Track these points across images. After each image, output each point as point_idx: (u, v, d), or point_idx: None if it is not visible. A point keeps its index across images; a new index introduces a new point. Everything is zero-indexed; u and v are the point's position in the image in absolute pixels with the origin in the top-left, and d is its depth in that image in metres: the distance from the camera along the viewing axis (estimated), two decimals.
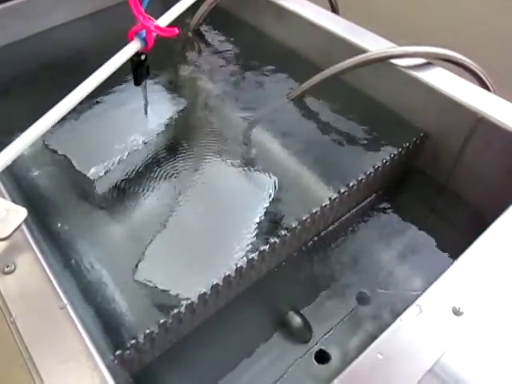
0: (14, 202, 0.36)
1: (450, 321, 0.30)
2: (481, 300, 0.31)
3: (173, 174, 0.48)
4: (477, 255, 0.34)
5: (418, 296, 0.46)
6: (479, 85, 0.49)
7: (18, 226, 0.33)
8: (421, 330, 0.29)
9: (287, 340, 0.44)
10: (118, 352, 0.33)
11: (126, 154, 0.49)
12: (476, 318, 0.30)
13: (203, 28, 0.67)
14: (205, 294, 0.37)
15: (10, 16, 0.64)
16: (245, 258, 0.39)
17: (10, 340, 0.29)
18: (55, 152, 0.49)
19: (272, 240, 0.40)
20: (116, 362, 0.33)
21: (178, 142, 0.52)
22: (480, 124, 0.46)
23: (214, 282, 0.37)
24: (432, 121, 0.50)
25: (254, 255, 0.39)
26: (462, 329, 0.30)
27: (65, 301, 0.30)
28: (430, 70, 0.50)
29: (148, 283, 0.38)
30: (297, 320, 0.45)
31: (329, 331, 0.44)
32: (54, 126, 0.40)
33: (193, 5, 0.51)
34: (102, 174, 0.47)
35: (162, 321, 0.35)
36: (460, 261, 0.33)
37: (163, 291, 0.37)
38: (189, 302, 0.36)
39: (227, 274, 0.38)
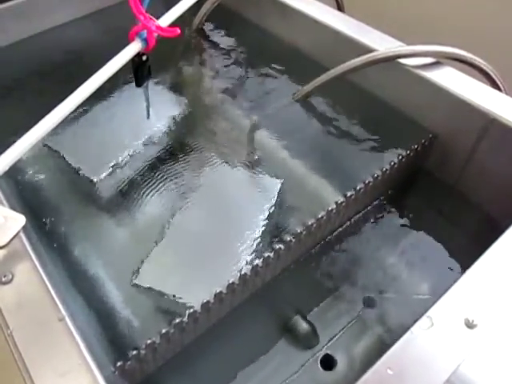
0: (13, 208, 0.36)
1: (463, 334, 0.29)
2: (495, 312, 0.30)
3: (175, 177, 0.47)
4: (490, 264, 0.33)
5: (425, 300, 0.46)
6: (490, 85, 0.48)
7: (16, 234, 0.33)
8: (432, 344, 0.28)
9: (293, 346, 0.43)
10: (119, 363, 0.32)
11: (128, 156, 0.48)
12: (490, 331, 0.29)
13: (206, 27, 0.66)
14: (208, 302, 0.36)
15: (10, 16, 0.63)
16: (249, 265, 0.38)
17: (7, 353, 0.28)
18: (55, 155, 0.48)
19: (277, 246, 0.39)
20: (117, 373, 0.32)
21: (180, 144, 0.51)
22: (491, 125, 0.45)
23: (218, 290, 0.36)
24: (441, 122, 0.49)
25: (259, 262, 0.38)
26: (476, 342, 0.28)
27: (63, 312, 0.29)
28: (439, 70, 0.49)
29: (149, 291, 0.37)
30: (302, 325, 0.44)
31: (335, 336, 0.43)
32: (54, 129, 0.40)
33: (195, 3, 0.50)
34: (103, 177, 0.46)
35: (164, 331, 0.34)
36: (472, 270, 0.32)
37: (165, 300, 0.37)
38: (191, 310, 0.35)
39: (231, 281, 0.37)
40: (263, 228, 0.42)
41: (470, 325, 0.29)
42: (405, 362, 0.28)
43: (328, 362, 0.43)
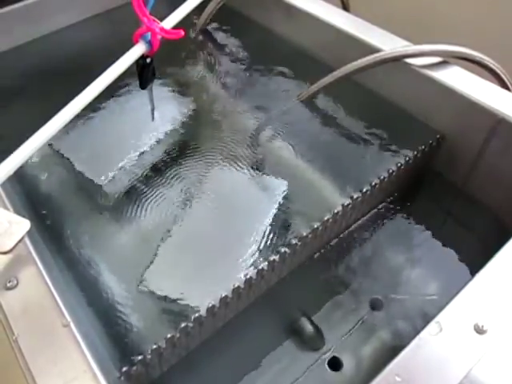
0: (18, 212, 0.36)
1: (473, 340, 0.28)
2: (505, 317, 0.29)
3: (180, 179, 0.47)
4: (499, 268, 0.32)
5: (432, 302, 0.45)
6: (499, 84, 0.47)
7: (21, 239, 0.32)
8: (441, 350, 0.28)
9: (299, 348, 0.43)
10: (124, 369, 0.32)
11: (133, 159, 0.48)
12: (501, 337, 0.28)
13: (210, 28, 0.66)
14: (213, 306, 0.36)
15: (16, 18, 0.63)
16: (254, 269, 0.38)
17: (13, 359, 0.28)
18: (60, 158, 0.48)
19: (282, 250, 0.39)
20: (122, 378, 0.32)
21: (185, 146, 0.51)
22: (500, 125, 0.44)
23: (223, 295, 0.36)
24: (449, 122, 0.48)
25: (264, 265, 0.38)
26: (486, 348, 0.28)
27: (68, 318, 0.29)
28: (446, 70, 0.48)
29: (154, 296, 0.37)
30: (308, 327, 0.44)
31: (341, 338, 0.43)
32: (58, 131, 0.39)
33: (199, 4, 0.50)
34: (108, 180, 0.46)
35: (169, 335, 0.34)
36: (481, 274, 0.32)
37: (170, 304, 0.36)
38: (197, 315, 0.35)
39: (236, 285, 0.37)
40: (268, 231, 0.42)
41: (479, 330, 0.29)
42: (413, 369, 0.27)
43: (334, 364, 0.42)
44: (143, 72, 0.46)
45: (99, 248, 0.41)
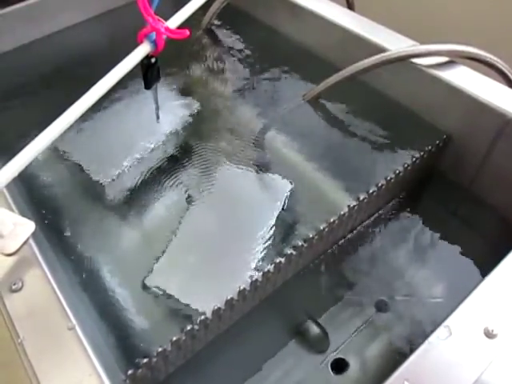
0: (23, 213, 0.35)
1: (483, 344, 0.28)
2: None
3: (185, 180, 0.47)
4: (509, 271, 0.32)
5: (439, 304, 0.45)
6: (506, 84, 0.47)
7: (26, 241, 0.32)
8: (451, 355, 0.27)
9: (304, 349, 0.43)
10: (130, 371, 0.32)
11: (138, 159, 0.48)
12: (511, 341, 0.28)
13: (215, 27, 0.66)
14: (219, 309, 0.35)
15: (18, 19, 0.63)
16: (260, 271, 0.38)
17: (18, 362, 0.28)
18: (65, 159, 0.48)
19: (288, 251, 0.39)
20: (128, 381, 0.32)
21: (190, 146, 0.50)
22: (508, 126, 0.44)
23: (229, 297, 0.36)
24: (456, 123, 0.48)
25: (270, 268, 0.38)
26: (496, 353, 0.27)
27: (73, 321, 0.29)
28: (453, 69, 0.47)
29: (160, 298, 0.37)
30: (314, 329, 0.44)
31: (347, 340, 0.43)
32: (63, 132, 0.39)
33: (204, 3, 0.50)
34: (113, 180, 0.46)
35: (174, 338, 0.33)
36: (491, 277, 0.31)
37: (176, 306, 0.36)
38: (202, 317, 0.35)
39: (242, 287, 0.36)
40: (274, 233, 0.41)
41: (489, 334, 0.28)
42: (422, 374, 0.27)
43: (339, 366, 0.42)
44: (148, 72, 0.46)
45: (104, 249, 0.41)
